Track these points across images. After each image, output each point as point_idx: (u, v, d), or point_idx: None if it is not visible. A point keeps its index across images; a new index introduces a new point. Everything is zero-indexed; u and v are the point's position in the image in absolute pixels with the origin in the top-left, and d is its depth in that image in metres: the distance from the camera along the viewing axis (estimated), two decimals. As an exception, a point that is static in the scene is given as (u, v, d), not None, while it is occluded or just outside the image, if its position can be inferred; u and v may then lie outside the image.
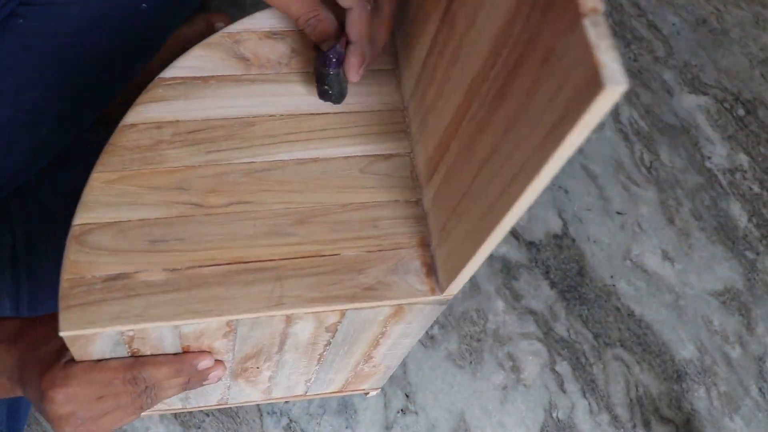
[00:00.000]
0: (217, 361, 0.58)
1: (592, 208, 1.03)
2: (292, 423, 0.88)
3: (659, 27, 1.17)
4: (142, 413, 0.58)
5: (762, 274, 1.00)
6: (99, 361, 0.53)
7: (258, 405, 0.88)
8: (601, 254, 1.00)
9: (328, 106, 0.58)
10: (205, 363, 0.56)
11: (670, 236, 1.02)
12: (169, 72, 0.58)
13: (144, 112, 0.57)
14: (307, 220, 0.54)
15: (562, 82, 0.33)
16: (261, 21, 0.61)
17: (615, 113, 1.09)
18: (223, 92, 0.58)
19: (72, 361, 0.52)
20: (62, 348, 0.53)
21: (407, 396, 0.90)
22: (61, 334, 0.48)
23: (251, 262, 0.52)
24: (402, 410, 0.89)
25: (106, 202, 0.53)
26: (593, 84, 0.30)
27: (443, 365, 0.92)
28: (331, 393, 0.77)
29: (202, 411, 0.87)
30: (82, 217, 0.52)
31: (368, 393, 0.81)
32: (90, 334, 0.49)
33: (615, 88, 0.30)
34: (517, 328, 0.95)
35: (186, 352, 0.55)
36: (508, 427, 0.90)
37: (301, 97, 0.59)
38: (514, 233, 1.00)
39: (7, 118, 0.71)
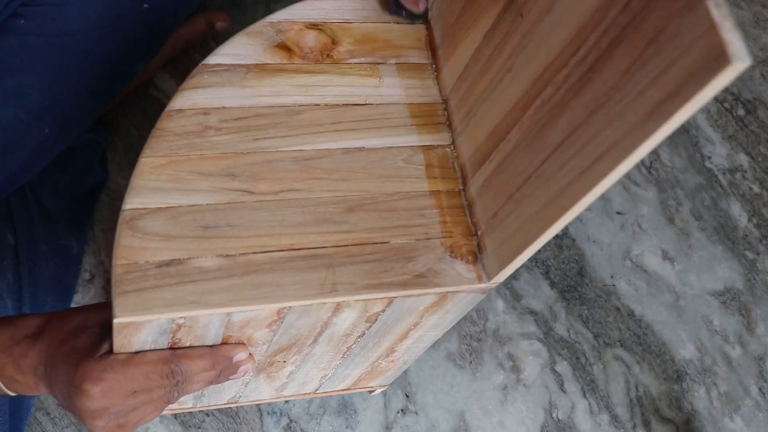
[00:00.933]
0: (249, 354, 0.58)
1: (592, 208, 1.03)
2: (292, 423, 0.88)
3: (659, 27, 1.17)
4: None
5: (762, 274, 1.00)
6: (136, 353, 0.52)
7: (258, 405, 0.88)
8: (601, 254, 1.00)
9: (369, 98, 0.60)
10: (240, 355, 0.56)
11: (670, 236, 1.02)
12: (213, 59, 0.58)
13: (190, 98, 0.57)
14: (356, 209, 0.55)
15: (674, 61, 0.35)
16: (302, 11, 0.62)
17: (615, 113, 1.09)
18: (267, 80, 0.59)
19: (107, 354, 0.51)
20: (96, 341, 0.52)
21: (407, 396, 0.90)
22: (116, 320, 0.47)
23: (303, 249, 0.52)
24: (402, 410, 0.90)
25: (155, 187, 0.52)
26: (719, 60, 0.32)
27: (443, 365, 0.92)
28: (340, 391, 0.78)
29: (202, 411, 0.87)
30: (132, 202, 0.51)
31: (374, 391, 0.81)
32: (142, 321, 0.48)
33: (740, 64, 0.32)
34: (517, 328, 0.95)
35: (223, 343, 0.55)
36: (508, 427, 0.90)
37: (342, 88, 0.60)
38: (514, 233, 1.00)
39: (8, 118, 0.71)
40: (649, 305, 0.98)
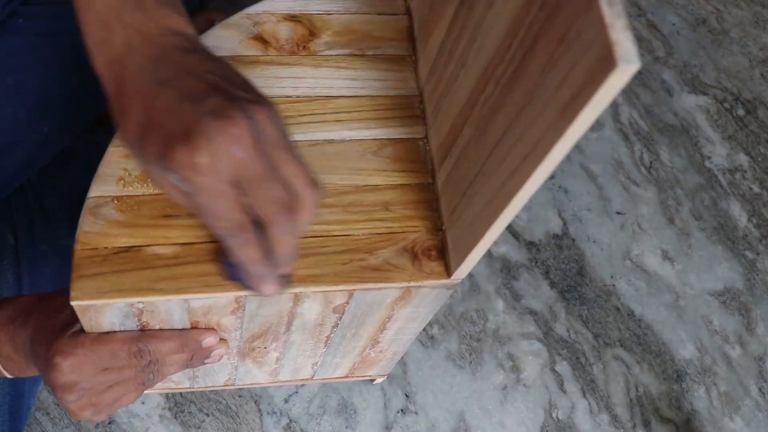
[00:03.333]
0: (221, 339, 0.58)
1: (592, 208, 1.03)
2: (292, 423, 0.87)
3: (659, 27, 1.17)
4: (145, 391, 0.58)
5: (762, 274, 1.00)
6: (107, 333, 0.53)
7: (258, 405, 0.88)
8: (601, 254, 1.00)
9: (343, 91, 0.59)
10: (209, 340, 0.56)
11: (670, 236, 1.02)
12: None
13: None
14: (321, 201, 0.55)
15: (577, 61, 0.34)
16: (282, 3, 0.62)
17: (615, 113, 1.09)
18: (241, 73, 0.59)
19: (79, 331, 0.52)
20: (71, 319, 0.53)
21: (407, 396, 0.90)
22: (72, 303, 0.48)
23: None
24: (402, 410, 0.89)
25: (121, 176, 0.53)
26: (607, 62, 0.31)
27: (443, 365, 0.92)
28: (337, 378, 0.78)
29: (202, 411, 0.87)
30: (97, 190, 0.53)
31: (374, 380, 0.81)
32: (100, 305, 0.49)
33: (627, 66, 0.30)
34: (517, 328, 0.95)
35: (193, 328, 0.56)
36: (508, 427, 0.90)
37: (316, 80, 0.59)
38: (513, 233, 1.00)
39: (8, 118, 0.71)
40: (649, 305, 0.98)
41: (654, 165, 1.06)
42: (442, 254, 0.54)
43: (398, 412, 0.89)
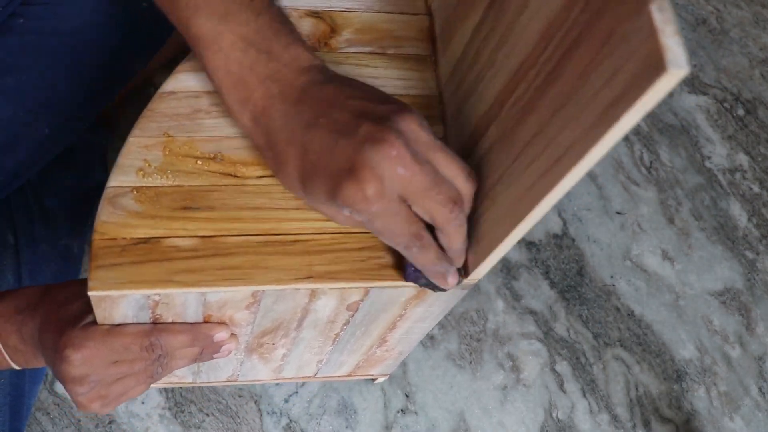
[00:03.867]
0: (231, 334, 0.58)
1: (592, 207, 1.03)
2: (292, 423, 0.88)
3: (659, 27, 1.17)
4: (152, 384, 0.58)
5: (762, 274, 1.00)
6: (118, 325, 0.53)
7: (258, 405, 0.88)
8: (601, 254, 1.00)
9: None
10: (221, 335, 0.57)
11: (670, 236, 1.02)
12: None
13: (183, 80, 0.57)
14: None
15: (622, 64, 0.34)
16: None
17: (615, 113, 1.09)
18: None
19: (91, 323, 0.52)
20: (82, 311, 0.53)
21: (407, 396, 0.90)
22: (90, 293, 0.48)
23: (281, 234, 0.52)
24: (402, 410, 0.89)
25: (140, 166, 0.53)
26: (657, 66, 0.31)
27: (443, 365, 0.92)
28: (340, 377, 0.78)
29: (202, 411, 0.87)
30: (116, 180, 0.52)
31: (376, 379, 0.81)
32: (117, 296, 0.49)
33: (677, 71, 0.31)
34: (517, 328, 0.95)
35: (205, 322, 0.56)
36: (508, 427, 0.90)
37: None
38: (514, 233, 1.00)
39: (8, 117, 0.71)
40: (649, 305, 0.98)
41: (654, 165, 1.06)
42: None
43: (398, 412, 0.89)
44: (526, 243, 0.99)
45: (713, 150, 1.08)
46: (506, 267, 0.98)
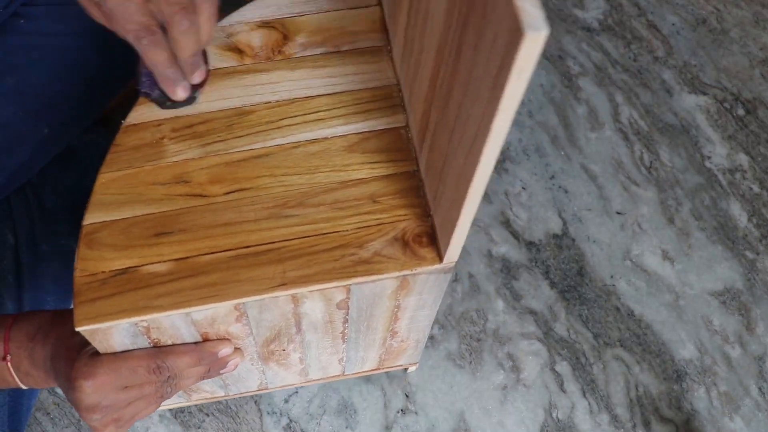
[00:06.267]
0: (235, 348, 0.59)
1: (592, 208, 1.03)
2: (292, 423, 0.88)
3: (659, 27, 1.17)
4: (182, 403, 0.59)
5: (762, 274, 1.00)
6: (124, 351, 0.54)
7: (258, 405, 0.88)
8: (601, 254, 1.00)
9: (322, 89, 0.60)
10: (224, 351, 0.58)
11: (670, 236, 1.02)
12: None
13: (144, 112, 0.58)
14: (307, 201, 0.55)
15: (496, 34, 0.34)
16: (253, 11, 0.63)
17: (615, 113, 1.09)
18: (219, 85, 0.59)
19: (97, 351, 0.54)
20: (87, 340, 0.54)
21: (407, 396, 0.90)
22: (77, 329, 0.50)
23: (253, 246, 0.53)
24: (402, 410, 0.90)
25: (112, 201, 0.55)
26: (517, 32, 0.31)
27: (443, 365, 0.92)
28: (369, 371, 0.78)
29: (202, 411, 0.87)
30: (90, 218, 0.54)
31: (407, 368, 0.82)
32: (105, 328, 0.50)
33: (535, 33, 0.30)
34: (517, 328, 0.95)
35: (206, 340, 0.57)
36: (508, 427, 0.90)
37: (294, 83, 0.60)
38: (513, 233, 1.00)
39: (9, 118, 0.71)
40: (649, 305, 0.98)
41: (654, 165, 1.06)
42: (433, 239, 0.54)
43: (398, 412, 0.89)
44: (526, 243, 0.99)
45: (713, 150, 1.08)
46: (506, 267, 0.98)
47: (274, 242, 0.53)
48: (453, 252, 0.51)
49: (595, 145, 1.06)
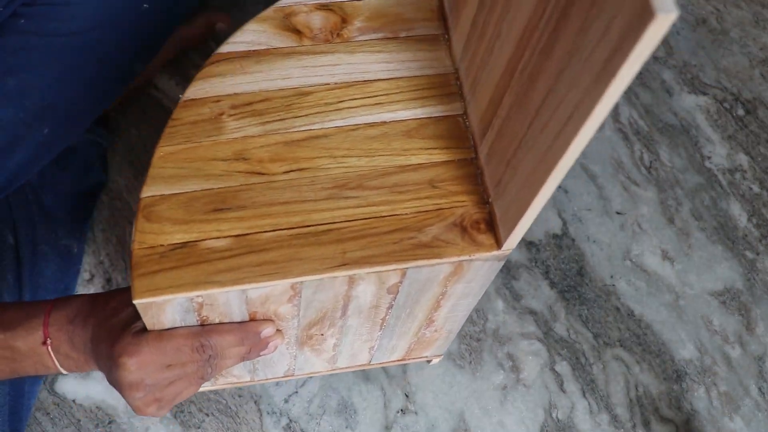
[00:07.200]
0: (277, 330, 0.59)
1: (592, 208, 1.03)
2: (292, 423, 0.88)
3: (659, 27, 1.17)
4: (207, 387, 0.61)
5: (762, 274, 1.00)
6: (168, 329, 0.54)
7: (258, 405, 0.88)
8: (601, 254, 1.00)
9: (380, 74, 0.60)
10: (268, 330, 0.58)
11: (670, 236, 1.02)
12: (225, 48, 0.60)
13: (203, 87, 0.59)
14: (366, 184, 0.55)
15: (613, 18, 0.34)
16: None
17: (615, 113, 1.09)
18: (278, 64, 0.60)
19: (141, 330, 0.54)
20: (132, 318, 0.55)
21: (407, 396, 0.90)
22: (135, 301, 0.50)
23: (313, 225, 0.53)
24: (402, 410, 0.90)
25: (170, 174, 0.55)
26: (645, 13, 0.31)
27: (443, 365, 0.92)
28: (394, 361, 0.78)
29: (201, 411, 0.87)
30: (148, 190, 0.54)
31: (431, 360, 0.82)
32: (161, 301, 0.50)
33: (666, 15, 0.31)
34: (516, 328, 0.95)
35: (251, 320, 0.57)
36: (508, 427, 0.90)
37: (352, 66, 0.61)
38: (514, 233, 1.00)
39: (9, 118, 0.71)
40: (649, 305, 0.98)
41: (654, 165, 1.06)
42: (490, 226, 0.54)
43: (398, 412, 0.89)
44: (526, 243, 0.99)
45: (713, 150, 1.08)
46: (506, 267, 0.98)
47: (334, 222, 0.54)
48: (513, 239, 0.52)
49: (594, 145, 1.06)
